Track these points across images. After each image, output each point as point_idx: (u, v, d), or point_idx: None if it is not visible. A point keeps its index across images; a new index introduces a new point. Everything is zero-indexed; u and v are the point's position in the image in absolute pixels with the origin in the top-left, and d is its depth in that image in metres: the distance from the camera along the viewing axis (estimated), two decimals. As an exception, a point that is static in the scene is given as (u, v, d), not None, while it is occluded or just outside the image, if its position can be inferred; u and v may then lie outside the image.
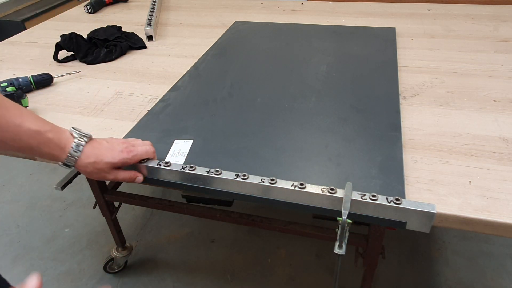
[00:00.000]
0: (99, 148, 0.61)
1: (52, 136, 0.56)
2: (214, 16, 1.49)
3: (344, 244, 0.57)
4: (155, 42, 1.28)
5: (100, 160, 0.60)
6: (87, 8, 1.58)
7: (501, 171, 0.64)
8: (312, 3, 1.58)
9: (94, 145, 0.61)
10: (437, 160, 0.68)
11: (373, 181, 0.63)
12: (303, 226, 0.95)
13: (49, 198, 1.78)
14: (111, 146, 0.62)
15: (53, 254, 1.49)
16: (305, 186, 0.60)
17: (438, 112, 0.82)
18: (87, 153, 0.59)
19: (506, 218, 0.56)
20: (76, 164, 0.59)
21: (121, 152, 0.61)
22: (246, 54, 1.12)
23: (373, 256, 0.88)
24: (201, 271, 1.40)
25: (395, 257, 1.42)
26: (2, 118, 0.52)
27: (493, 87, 0.90)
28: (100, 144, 0.62)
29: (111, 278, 1.39)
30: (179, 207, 1.05)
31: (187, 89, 0.95)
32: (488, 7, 1.41)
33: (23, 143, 0.54)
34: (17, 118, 0.53)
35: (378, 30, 1.24)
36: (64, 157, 0.58)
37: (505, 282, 1.31)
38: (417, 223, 0.56)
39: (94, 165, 0.60)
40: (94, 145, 0.61)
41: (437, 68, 1.00)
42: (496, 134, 0.74)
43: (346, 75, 0.97)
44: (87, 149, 0.60)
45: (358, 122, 0.79)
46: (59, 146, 0.57)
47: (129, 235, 1.55)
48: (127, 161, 0.62)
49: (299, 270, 1.39)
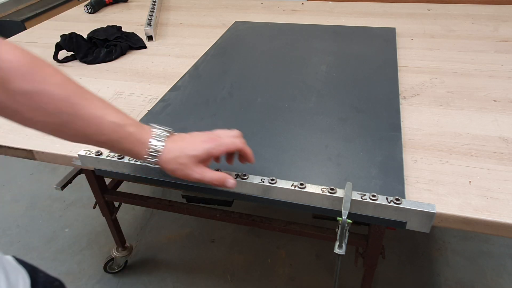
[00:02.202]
0: (181, 141, 0.55)
1: (133, 130, 0.52)
2: (214, 16, 1.49)
3: (344, 244, 0.57)
4: (155, 42, 1.28)
5: (182, 154, 0.54)
6: (87, 8, 1.58)
7: (501, 171, 0.65)
8: (312, 3, 1.58)
9: (175, 139, 0.56)
10: (437, 160, 0.68)
11: (373, 181, 0.63)
12: (303, 226, 0.95)
13: (49, 198, 1.78)
14: (193, 138, 0.56)
15: (53, 254, 1.49)
16: (305, 186, 0.60)
17: (438, 112, 0.82)
18: (169, 148, 0.54)
19: (506, 218, 0.56)
20: (159, 161, 0.54)
21: (204, 142, 0.55)
22: (246, 54, 1.12)
23: (373, 256, 0.88)
24: (201, 271, 1.40)
25: (395, 257, 1.42)
26: (85, 109, 0.49)
27: (493, 87, 0.90)
28: (182, 137, 0.57)
29: (111, 278, 1.39)
30: (179, 207, 1.05)
31: (187, 89, 0.95)
32: (488, 7, 1.41)
33: (105, 137, 0.51)
34: (99, 110, 0.50)
35: (378, 30, 1.24)
36: (145, 153, 0.53)
37: (505, 282, 1.31)
38: (417, 223, 0.57)
39: (177, 159, 0.54)
40: (175, 139, 0.56)
41: (437, 68, 1.00)
42: (496, 134, 0.74)
43: (346, 75, 0.97)
44: (168, 143, 0.54)
45: (358, 122, 0.79)
46: (140, 140, 0.53)
47: (129, 235, 1.55)
48: (212, 152, 0.55)
49: (299, 270, 1.39)
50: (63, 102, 0.47)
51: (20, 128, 0.82)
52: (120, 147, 0.53)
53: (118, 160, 0.67)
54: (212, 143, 0.55)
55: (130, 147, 0.53)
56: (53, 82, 0.47)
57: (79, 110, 0.48)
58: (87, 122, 0.49)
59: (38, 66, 0.46)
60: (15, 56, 0.45)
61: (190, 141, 0.55)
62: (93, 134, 0.50)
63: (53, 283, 0.58)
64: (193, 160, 0.54)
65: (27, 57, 0.46)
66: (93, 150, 0.70)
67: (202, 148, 0.54)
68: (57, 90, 0.47)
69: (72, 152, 0.74)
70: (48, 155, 0.75)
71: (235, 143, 0.57)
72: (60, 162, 0.75)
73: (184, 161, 0.54)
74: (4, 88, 0.44)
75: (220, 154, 0.56)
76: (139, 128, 0.53)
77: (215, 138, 0.56)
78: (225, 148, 0.56)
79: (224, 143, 0.56)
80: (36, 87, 0.45)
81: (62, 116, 0.48)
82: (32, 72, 0.45)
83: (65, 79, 0.49)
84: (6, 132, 0.81)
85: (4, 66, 0.44)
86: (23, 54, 0.46)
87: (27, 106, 0.46)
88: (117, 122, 0.51)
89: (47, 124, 0.49)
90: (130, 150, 0.53)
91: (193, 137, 0.56)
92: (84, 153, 0.69)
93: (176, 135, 0.57)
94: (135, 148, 0.53)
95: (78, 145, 0.76)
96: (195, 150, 0.54)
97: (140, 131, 0.53)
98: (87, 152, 0.70)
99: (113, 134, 0.51)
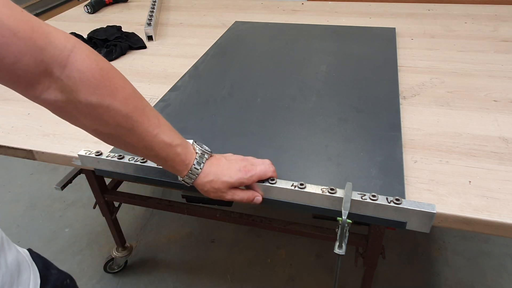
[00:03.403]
0: (218, 165, 0.58)
1: (180, 151, 0.54)
2: (214, 16, 1.49)
3: (344, 244, 0.57)
4: (155, 42, 1.28)
5: (217, 179, 0.57)
6: (87, 8, 1.58)
7: (501, 171, 0.64)
8: (312, 3, 1.58)
9: (213, 162, 0.58)
10: (437, 160, 0.68)
11: (373, 181, 0.63)
12: (303, 226, 0.95)
13: (49, 198, 1.78)
14: (229, 165, 0.59)
15: (53, 254, 1.49)
16: (305, 186, 0.60)
17: (438, 112, 0.82)
18: (206, 171, 0.57)
19: (506, 218, 0.56)
20: (194, 182, 0.58)
21: (239, 171, 0.58)
22: (246, 54, 1.12)
23: (373, 256, 0.88)
24: (201, 271, 1.40)
25: (395, 257, 1.42)
26: (142, 126, 0.49)
27: (493, 87, 0.90)
28: (219, 161, 0.59)
29: (111, 278, 1.39)
30: (179, 207, 1.05)
31: (187, 89, 0.95)
32: (488, 7, 1.41)
33: (153, 153, 0.53)
34: (155, 129, 0.51)
35: (378, 30, 1.24)
36: (186, 173, 0.56)
37: (505, 282, 1.31)
38: (417, 223, 0.57)
39: (211, 183, 0.57)
40: (213, 162, 0.58)
41: (437, 68, 1.00)
42: (496, 134, 0.74)
43: (346, 75, 0.97)
44: (206, 167, 0.57)
45: (358, 122, 0.79)
46: (184, 162, 0.55)
47: (129, 235, 1.55)
48: (244, 182, 0.58)
49: (299, 270, 1.39)
50: (124, 118, 0.47)
51: (20, 128, 0.82)
52: (165, 164, 0.55)
53: (118, 160, 0.67)
54: (247, 174, 0.58)
55: (175, 166, 0.55)
56: (120, 97, 0.46)
57: (136, 127, 0.49)
58: (140, 138, 0.50)
59: (109, 79, 0.45)
60: (88, 67, 0.43)
61: (226, 167, 0.58)
62: (142, 148, 0.52)
63: (64, 281, 0.59)
64: (226, 186, 0.58)
65: (99, 68, 0.44)
66: (93, 150, 0.70)
67: (236, 178, 0.58)
68: (121, 106, 0.46)
69: (72, 152, 0.74)
70: (48, 155, 0.75)
71: (267, 174, 0.60)
72: (60, 162, 0.75)
73: (218, 186, 0.57)
74: (71, 97, 0.43)
75: (251, 183, 0.60)
76: (185, 149, 0.55)
77: (250, 168, 0.59)
78: (256, 178, 0.60)
79: (257, 174, 0.59)
80: (102, 101, 0.45)
81: (119, 130, 0.48)
82: (102, 86, 0.44)
83: (131, 93, 0.48)
84: (6, 132, 0.81)
85: (75, 76, 0.42)
86: (97, 64, 0.44)
87: (88, 115, 0.46)
88: (168, 142, 0.52)
89: (101, 133, 0.49)
90: (173, 168, 0.56)
91: (229, 163, 0.59)
92: (84, 153, 0.69)
93: (214, 157, 0.59)
94: (178, 168, 0.56)
95: (78, 145, 0.76)
96: (231, 178, 0.57)
97: (185, 152, 0.55)
98: (87, 152, 0.70)
99: (161, 152, 0.53)
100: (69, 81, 0.42)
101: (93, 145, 0.76)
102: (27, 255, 0.55)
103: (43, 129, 0.82)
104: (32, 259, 0.55)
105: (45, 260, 0.59)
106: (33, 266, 0.54)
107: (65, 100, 0.44)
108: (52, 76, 0.41)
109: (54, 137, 0.79)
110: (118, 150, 0.72)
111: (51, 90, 0.42)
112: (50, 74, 0.41)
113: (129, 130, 0.48)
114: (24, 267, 0.51)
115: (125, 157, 0.67)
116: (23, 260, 0.52)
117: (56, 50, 0.40)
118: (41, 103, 0.44)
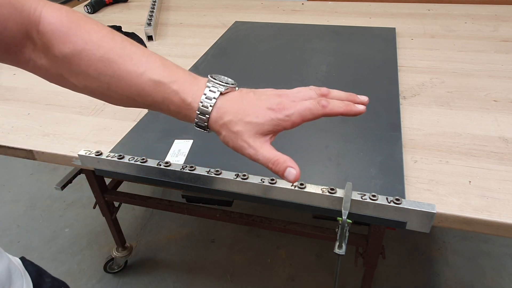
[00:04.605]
0: (241, 102, 0.42)
1: (177, 88, 0.41)
2: (214, 16, 1.49)
3: (344, 244, 0.57)
4: (155, 42, 1.28)
5: (238, 119, 0.41)
6: (87, 8, 1.58)
7: (501, 171, 0.64)
8: (312, 3, 1.58)
9: (232, 97, 0.42)
10: (437, 160, 0.68)
11: (373, 181, 0.63)
12: (303, 226, 0.95)
13: (49, 198, 1.78)
14: (257, 100, 0.42)
15: (53, 254, 1.49)
16: (305, 186, 0.60)
17: (438, 112, 0.82)
18: (221, 109, 0.42)
19: (506, 218, 0.56)
20: (209, 125, 0.43)
21: (270, 109, 0.41)
22: (246, 54, 1.12)
23: (373, 256, 0.88)
24: (201, 271, 1.40)
25: (395, 257, 1.42)
26: (124, 68, 0.41)
27: (493, 87, 0.90)
28: (244, 96, 0.43)
29: (111, 278, 1.39)
30: (179, 207, 1.05)
31: (187, 89, 0.94)
32: (488, 7, 1.41)
33: (150, 99, 0.42)
34: (141, 67, 0.41)
35: (378, 30, 1.24)
36: (194, 115, 0.42)
37: (505, 282, 1.31)
38: (417, 223, 0.56)
39: (229, 126, 0.41)
40: (233, 97, 0.43)
41: (437, 68, 1.00)
42: (496, 134, 0.74)
43: (346, 75, 0.97)
44: (222, 102, 0.42)
45: (358, 122, 0.79)
46: (184, 101, 0.42)
47: (129, 235, 1.55)
48: (280, 124, 0.41)
49: (299, 270, 1.39)
50: (101, 62, 0.41)
51: (20, 128, 0.82)
52: (169, 110, 0.43)
53: (118, 160, 0.67)
54: (282, 112, 0.41)
55: (177, 110, 0.43)
56: (93, 40, 0.41)
57: (118, 69, 0.41)
58: (127, 83, 0.41)
59: (80, 25, 0.41)
60: (57, 18, 0.41)
61: (252, 104, 0.42)
62: (136, 95, 0.42)
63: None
64: (250, 130, 0.41)
65: (69, 17, 0.41)
66: (93, 150, 0.70)
67: (267, 118, 0.41)
68: (95, 49, 0.41)
69: (72, 152, 0.74)
70: (48, 155, 0.75)
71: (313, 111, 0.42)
72: (60, 162, 0.75)
73: (238, 129, 0.41)
74: (48, 54, 0.41)
75: (291, 127, 0.42)
76: (186, 84, 0.42)
77: (286, 105, 0.42)
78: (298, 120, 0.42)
79: (297, 111, 0.42)
80: (75, 49, 0.40)
81: (103, 78, 0.41)
82: (72, 33, 0.40)
83: (106, 34, 0.42)
84: (6, 132, 0.81)
85: (47, 30, 0.40)
86: (66, 14, 0.41)
87: (70, 71, 0.42)
88: (157, 80, 0.41)
89: (93, 90, 0.43)
90: (180, 114, 0.43)
91: (258, 98, 0.43)
92: (84, 153, 0.69)
93: (238, 91, 0.44)
94: (183, 111, 0.43)
95: (78, 145, 0.76)
96: (257, 117, 0.41)
97: (186, 88, 0.42)
98: (87, 152, 0.70)
99: (156, 95, 0.42)
100: (44, 37, 0.40)
101: (93, 145, 0.76)
102: (20, 264, 0.53)
103: (43, 129, 0.82)
104: (25, 267, 0.54)
105: (38, 268, 0.57)
106: (25, 275, 0.53)
107: (48, 61, 0.42)
108: (32, 37, 0.41)
109: (54, 137, 0.79)
110: (118, 150, 0.72)
111: (36, 53, 0.42)
112: (30, 35, 0.41)
113: (112, 76, 0.41)
114: (16, 276, 0.50)
115: (125, 157, 0.67)
116: (15, 269, 0.50)
117: (30, 9, 0.40)
118: (33, 70, 0.43)
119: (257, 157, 0.41)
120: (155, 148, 0.73)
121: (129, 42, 0.43)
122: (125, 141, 0.76)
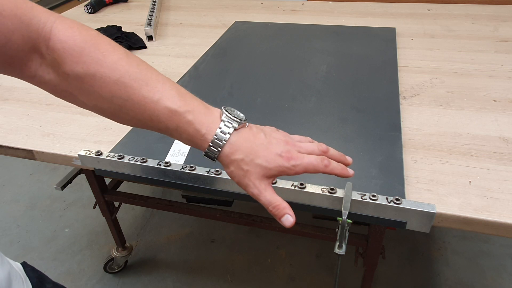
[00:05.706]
0: (253, 141, 0.44)
1: (192, 118, 0.42)
2: (214, 16, 1.49)
3: (344, 244, 0.57)
4: (155, 42, 1.28)
5: (249, 160, 0.43)
6: (87, 8, 1.58)
7: (501, 171, 0.65)
8: (312, 3, 1.58)
9: (246, 136, 0.44)
10: (437, 160, 0.68)
11: (373, 181, 0.63)
12: (303, 226, 0.95)
13: (49, 198, 1.78)
14: (268, 144, 0.44)
15: (53, 254, 1.49)
16: (305, 186, 0.60)
17: (438, 112, 0.82)
18: (234, 145, 0.43)
19: (506, 218, 0.56)
20: (219, 158, 0.44)
21: (279, 156, 0.44)
22: (246, 54, 1.12)
23: (373, 256, 0.88)
24: (201, 271, 1.40)
25: (395, 257, 1.42)
26: (139, 93, 0.41)
27: (493, 87, 0.90)
28: (256, 136, 0.44)
29: (111, 278, 1.39)
30: (179, 207, 1.05)
31: (187, 89, 0.94)
32: (488, 7, 1.41)
33: (163, 125, 0.43)
34: (156, 93, 0.42)
35: (378, 30, 1.24)
36: (206, 146, 0.43)
37: (505, 282, 1.31)
38: (417, 223, 0.57)
39: (240, 163, 0.43)
40: (246, 136, 0.44)
41: (437, 68, 1.00)
42: (496, 134, 0.74)
43: (346, 75, 0.97)
44: (235, 138, 0.43)
45: (358, 122, 0.79)
46: (199, 132, 0.43)
47: (129, 235, 1.55)
48: (285, 171, 0.44)
49: (299, 270, 1.39)
50: (116, 86, 0.41)
51: (20, 128, 0.82)
52: (181, 137, 0.44)
53: (118, 160, 0.67)
54: (290, 162, 0.44)
55: (190, 138, 0.44)
56: (107, 62, 0.41)
57: (133, 94, 0.41)
58: (141, 107, 0.42)
59: (94, 46, 0.41)
60: (70, 36, 0.40)
61: (264, 147, 0.44)
62: (149, 120, 0.43)
63: None
64: (259, 172, 0.44)
65: (82, 36, 0.40)
66: (93, 150, 0.70)
67: (275, 164, 0.44)
68: (110, 72, 0.41)
69: (72, 152, 0.74)
70: (48, 155, 0.75)
71: (316, 167, 0.45)
72: (60, 162, 0.75)
73: (248, 169, 0.43)
74: (58, 71, 0.41)
75: (293, 175, 0.45)
76: (201, 115, 0.43)
77: (294, 155, 0.45)
78: (301, 171, 0.45)
79: (303, 164, 0.45)
80: (89, 70, 0.40)
81: (117, 101, 0.42)
82: (85, 53, 0.40)
83: (121, 57, 0.42)
84: (6, 132, 0.81)
85: (59, 47, 0.39)
86: (79, 33, 0.40)
87: (81, 90, 0.41)
88: (173, 109, 0.42)
89: (103, 109, 0.43)
90: (191, 141, 0.44)
91: (269, 140, 0.45)
92: (84, 153, 0.69)
93: (249, 128, 0.46)
94: (194, 140, 0.44)
95: (78, 145, 0.76)
96: (267, 162, 0.43)
97: (201, 120, 0.43)
98: (87, 152, 0.70)
99: (170, 123, 0.43)
100: (54, 53, 0.40)
101: (93, 145, 0.76)
102: (21, 269, 0.53)
103: (43, 129, 0.82)
104: (26, 273, 0.53)
105: (39, 274, 0.56)
106: (26, 281, 0.52)
107: (57, 77, 0.41)
108: (40, 52, 0.40)
109: (54, 137, 0.79)
110: (118, 150, 0.72)
111: (43, 67, 0.41)
112: (38, 50, 0.40)
113: (127, 99, 0.41)
114: (17, 282, 0.49)
115: (125, 157, 0.67)
116: (16, 275, 0.50)
117: (40, 23, 0.39)
118: (39, 85, 0.43)
119: (259, 198, 0.44)
120: (155, 148, 0.73)
121: (145, 65, 0.44)
122: (125, 141, 0.76)
